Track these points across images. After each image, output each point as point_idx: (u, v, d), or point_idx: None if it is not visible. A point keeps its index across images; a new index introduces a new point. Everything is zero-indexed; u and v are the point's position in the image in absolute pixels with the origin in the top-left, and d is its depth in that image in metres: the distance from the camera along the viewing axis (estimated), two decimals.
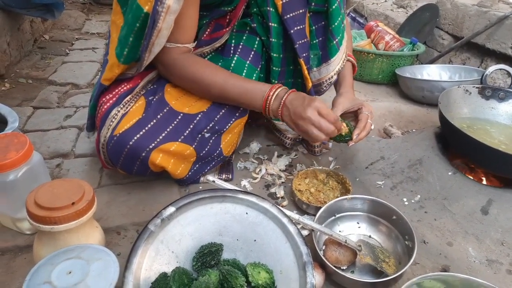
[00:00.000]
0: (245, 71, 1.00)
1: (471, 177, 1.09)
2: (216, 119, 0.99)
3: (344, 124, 1.00)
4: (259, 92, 0.95)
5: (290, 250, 0.77)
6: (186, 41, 0.95)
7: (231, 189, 0.82)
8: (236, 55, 1.00)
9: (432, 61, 2.08)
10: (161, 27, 0.83)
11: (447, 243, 0.97)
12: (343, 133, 1.00)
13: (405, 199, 1.09)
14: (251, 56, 1.02)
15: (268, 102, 0.95)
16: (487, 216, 1.00)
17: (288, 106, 0.93)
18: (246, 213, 0.82)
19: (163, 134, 0.92)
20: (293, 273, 0.75)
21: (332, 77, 1.10)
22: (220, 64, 0.99)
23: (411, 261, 0.79)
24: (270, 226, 0.81)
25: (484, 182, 1.10)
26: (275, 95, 0.94)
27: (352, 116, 1.09)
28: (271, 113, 0.96)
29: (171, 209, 0.77)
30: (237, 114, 1.03)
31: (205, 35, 1.04)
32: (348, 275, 0.80)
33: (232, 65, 0.99)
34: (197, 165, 1.05)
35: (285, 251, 0.78)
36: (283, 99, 0.94)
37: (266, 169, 1.19)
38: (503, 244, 0.96)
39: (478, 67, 1.88)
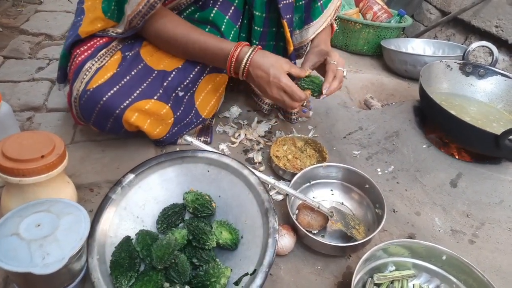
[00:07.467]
0: (223, 27, 0.95)
1: (444, 151, 1.12)
2: (191, 76, 0.96)
3: (308, 92, 0.97)
4: (224, 49, 0.90)
5: (253, 199, 0.79)
6: None
7: (195, 150, 0.82)
8: (215, 8, 0.94)
9: (417, 35, 2.08)
10: None
11: (415, 213, 1.00)
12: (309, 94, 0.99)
13: (379, 169, 1.11)
14: (231, 11, 0.96)
15: (233, 61, 0.90)
16: (455, 189, 1.04)
17: (251, 72, 0.90)
18: (208, 171, 0.83)
19: (138, 91, 0.89)
20: (257, 220, 0.77)
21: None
22: (197, 16, 0.94)
23: (380, 228, 0.82)
24: (232, 180, 0.82)
25: (456, 157, 1.13)
26: (241, 54, 0.89)
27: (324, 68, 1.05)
28: (237, 73, 0.92)
29: (130, 176, 0.77)
30: (206, 71, 1.00)
31: None
32: (319, 238, 0.82)
33: (211, 17, 0.94)
34: (176, 128, 1.03)
35: (248, 201, 0.80)
36: (249, 59, 0.89)
37: (245, 134, 1.18)
38: (468, 216, 1.00)
39: (462, 44, 1.88)
